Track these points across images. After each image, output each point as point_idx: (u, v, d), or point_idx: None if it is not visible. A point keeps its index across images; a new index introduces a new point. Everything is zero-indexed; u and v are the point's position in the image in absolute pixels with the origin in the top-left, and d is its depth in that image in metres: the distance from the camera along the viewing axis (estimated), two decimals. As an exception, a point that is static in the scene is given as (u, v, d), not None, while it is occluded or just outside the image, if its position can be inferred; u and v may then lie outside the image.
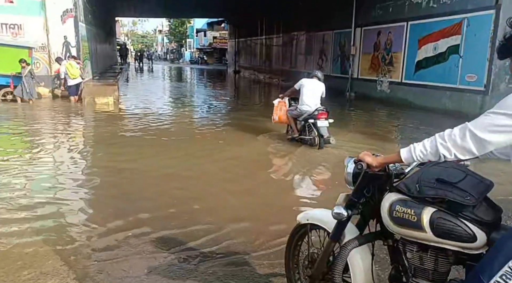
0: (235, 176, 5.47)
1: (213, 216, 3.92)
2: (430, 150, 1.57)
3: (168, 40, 76.34)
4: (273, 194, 4.79)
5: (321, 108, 6.88)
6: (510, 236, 1.50)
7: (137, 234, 3.50)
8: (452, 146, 1.51)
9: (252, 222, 3.84)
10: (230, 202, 4.46)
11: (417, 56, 12.57)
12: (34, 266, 2.94)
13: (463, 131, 1.49)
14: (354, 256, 1.95)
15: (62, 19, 13.01)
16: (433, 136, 1.58)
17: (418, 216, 1.67)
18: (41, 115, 10.40)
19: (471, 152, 1.49)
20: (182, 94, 17.70)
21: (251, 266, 3.01)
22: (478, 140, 1.46)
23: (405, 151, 1.66)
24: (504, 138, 1.44)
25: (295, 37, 21.83)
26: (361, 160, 1.82)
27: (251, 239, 3.45)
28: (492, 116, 1.45)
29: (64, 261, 3.02)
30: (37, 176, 5.21)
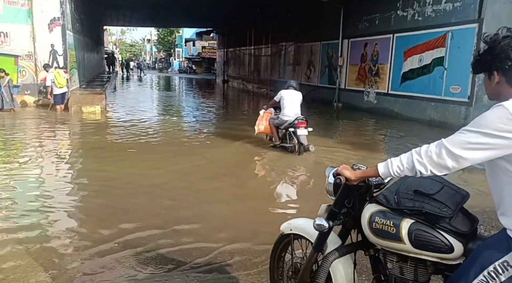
0: (223, 184, 5.48)
1: (199, 225, 3.91)
2: (407, 165, 1.58)
3: (156, 49, 76.24)
4: (259, 199, 4.79)
5: (301, 118, 7.24)
6: (486, 245, 1.54)
7: (122, 244, 3.46)
8: (428, 163, 1.52)
9: (238, 231, 3.83)
10: (217, 210, 4.44)
11: (403, 67, 12.79)
12: (16, 278, 2.88)
13: (439, 148, 1.51)
14: (336, 266, 1.97)
15: (50, 27, 12.91)
16: (409, 151, 1.60)
17: (397, 227, 1.70)
18: (26, 124, 10.25)
19: (447, 168, 1.51)
20: (170, 103, 17.65)
21: (239, 277, 2.99)
22: (454, 156, 1.47)
23: (382, 166, 1.67)
24: (479, 155, 1.46)
25: (284, 47, 22.02)
26: (340, 174, 1.84)
27: (238, 249, 3.43)
28: (467, 135, 1.47)
29: (47, 273, 2.96)
30: (21, 186, 5.12)
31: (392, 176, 1.67)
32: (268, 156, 7.26)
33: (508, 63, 1.48)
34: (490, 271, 1.47)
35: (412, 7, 12.42)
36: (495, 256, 1.47)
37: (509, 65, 1.48)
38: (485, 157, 1.47)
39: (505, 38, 1.50)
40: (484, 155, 1.45)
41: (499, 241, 1.50)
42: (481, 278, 1.48)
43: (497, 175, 1.53)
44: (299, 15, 19.05)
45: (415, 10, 12.30)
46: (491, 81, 1.56)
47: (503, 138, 1.40)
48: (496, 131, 1.41)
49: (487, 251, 1.51)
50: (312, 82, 18.85)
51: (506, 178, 1.49)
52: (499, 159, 1.47)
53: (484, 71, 1.59)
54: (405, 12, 12.71)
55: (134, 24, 43.91)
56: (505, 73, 1.51)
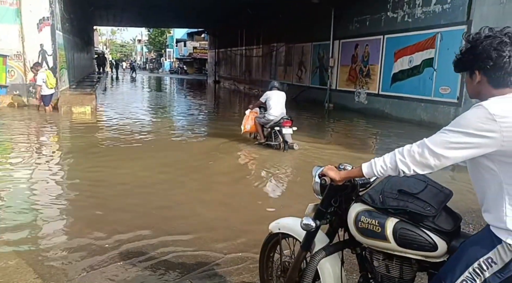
0: (214, 182, 5.49)
1: (189, 225, 3.90)
2: (390, 165, 1.60)
3: (147, 49, 75.86)
4: (246, 195, 4.80)
5: (286, 117, 7.54)
6: (470, 243, 1.57)
7: (113, 245, 3.44)
8: (410, 162, 1.55)
9: (227, 229, 3.82)
10: (208, 209, 4.43)
11: (393, 68, 12.89)
12: (5, 280, 2.84)
13: (421, 148, 1.53)
14: (324, 264, 1.99)
15: (39, 27, 12.75)
16: (392, 151, 1.62)
17: (382, 226, 1.73)
18: (16, 125, 10.11)
19: (430, 167, 1.53)
20: (160, 104, 17.58)
21: (230, 276, 2.99)
22: (436, 156, 1.49)
23: (366, 166, 1.69)
24: (461, 154, 1.48)
25: (275, 48, 22.07)
26: (325, 175, 1.86)
27: (229, 246, 3.43)
28: (448, 134, 1.49)
29: (38, 274, 2.93)
30: (12, 187, 5.05)
31: (376, 176, 1.70)
32: (258, 154, 7.38)
33: (489, 63, 1.49)
34: (475, 267, 1.49)
35: (402, 8, 12.54)
36: (480, 253, 1.49)
37: (490, 65, 1.49)
38: (466, 156, 1.48)
39: (487, 37, 1.51)
40: (465, 154, 1.47)
41: (483, 238, 1.53)
42: (467, 275, 1.50)
43: (479, 172, 1.55)
44: (290, 16, 19.11)
45: (405, 12, 12.41)
46: (472, 80, 1.57)
47: (482, 137, 1.42)
48: (476, 130, 1.43)
49: (471, 248, 1.53)
50: (303, 82, 18.91)
51: (488, 176, 1.51)
52: (480, 157, 1.49)
53: (465, 70, 1.60)
54: (395, 14, 12.83)
55: (125, 24, 43.63)
56: (487, 73, 1.52)
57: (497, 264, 1.46)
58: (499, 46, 1.47)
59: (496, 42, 1.48)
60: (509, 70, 1.48)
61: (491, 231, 1.50)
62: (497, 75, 1.50)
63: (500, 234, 1.47)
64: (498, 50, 1.47)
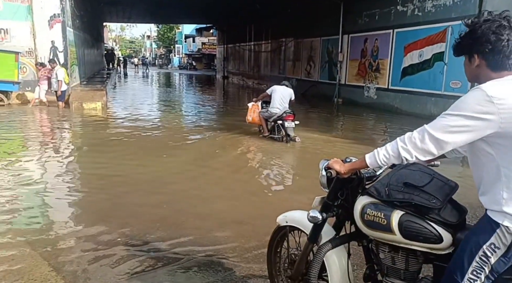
0: (221, 174, 5.55)
1: (199, 218, 3.95)
2: (392, 153, 1.62)
3: (156, 45, 76.10)
4: (255, 190, 4.85)
5: (289, 111, 7.79)
6: (472, 232, 1.59)
7: (124, 238, 3.50)
8: (412, 149, 1.56)
9: (234, 221, 3.86)
10: (215, 201, 4.49)
11: (403, 63, 12.79)
12: (21, 272, 2.91)
13: (422, 134, 1.55)
14: (330, 257, 2.02)
15: (50, 24, 12.90)
16: (394, 140, 1.64)
17: (388, 219, 1.74)
18: (31, 121, 10.28)
19: (431, 153, 1.54)
20: (170, 99, 17.68)
21: (239, 269, 3.03)
22: (436, 141, 1.51)
23: (369, 156, 1.71)
24: (460, 138, 1.50)
25: (284, 43, 22.00)
26: (330, 168, 1.88)
27: (241, 245, 3.47)
28: (448, 118, 1.51)
29: (52, 267, 3.00)
30: (23, 180, 5.15)
31: (380, 165, 1.70)
32: (261, 147, 7.64)
33: (488, 47, 1.50)
34: (480, 256, 1.51)
35: (412, 2, 12.42)
36: (482, 240, 1.51)
37: (489, 48, 1.50)
38: (466, 140, 1.50)
39: (486, 21, 1.52)
40: (464, 137, 1.49)
41: (483, 225, 1.55)
42: (475, 265, 1.52)
43: (477, 157, 1.57)
44: (299, 11, 19.02)
45: (415, 5, 12.29)
46: (471, 63, 1.59)
47: (481, 119, 1.44)
48: (475, 113, 1.44)
49: (473, 238, 1.55)
50: (312, 77, 18.85)
51: (485, 160, 1.53)
52: (478, 141, 1.51)
53: (464, 53, 1.62)
54: (405, 7, 12.70)
55: (134, 20, 43.78)
56: (485, 56, 1.53)
57: (500, 248, 1.48)
58: (497, 29, 1.49)
59: (495, 25, 1.49)
60: (508, 53, 1.49)
61: (489, 216, 1.52)
62: (495, 58, 1.51)
63: (496, 218, 1.49)
64: (497, 33, 1.49)
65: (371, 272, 2.00)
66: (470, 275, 1.53)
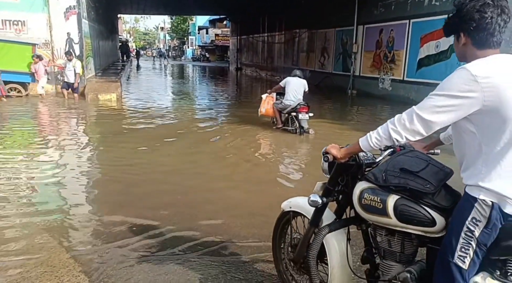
0: (234, 166, 5.59)
1: (212, 209, 4.00)
2: (384, 136, 1.69)
3: (170, 37, 76.29)
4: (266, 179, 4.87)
5: (303, 103, 7.73)
6: (455, 212, 1.66)
7: (140, 227, 3.56)
8: (402, 130, 1.63)
9: (245, 210, 3.89)
10: (228, 192, 4.53)
11: (419, 54, 12.58)
12: (40, 259, 3.00)
13: (410, 115, 1.61)
14: (330, 240, 2.12)
15: (65, 15, 13.03)
16: (385, 123, 1.70)
17: (384, 203, 1.81)
18: (45, 111, 10.46)
19: (420, 133, 1.61)
20: (184, 91, 17.76)
21: (247, 255, 3.07)
22: (424, 121, 1.58)
23: (363, 139, 1.79)
24: (447, 117, 1.55)
25: (297, 34, 21.83)
26: (328, 152, 1.96)
27: (252, 235, 3.50)
28: (434, 98, 1.57)
29: (69, 253, 3.08)
30: (42, 170, 5.27)
31: (372, 147, 1.77)
32: (275, 139, 7.71)
33: (472, 25, 1.56)
34: (465, 232, 1.57)
35: (429, -9, 12.16)
36: (464, 217, 1.58)
37: (473, 26, 1.56)
38: (452, 119, 1.57)
39: (471, 1, 1.57)
40: (451, 116, 1.56)
41: (463, 202, 1.62)
42: (462, 241, 1.58)
43: (461, 136, 1.64)
44: (313, 1, 18.81)
45: (433, -5, 12.03)
46: (458, 42, 1.65)
47: (466, 98, 1.50)
48: (460, 92, 1.50)
49: (457, 216, 1.62)
50: (326, 69, 18.70)
51: (468, 138, 1.60)
52: (462, 121, 1.57)
53: (453, 33, 1.68)
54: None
55: (148, 12, 43.90)
56: (470, 34, 1.59)
57: (481, 221, 1.54)
58: (481, 7, 1.54)
59: (479, 4, 1.55)
60: (491, 31, 1.55)
61: (467, 192, 1.60)
62: (480, 36, 1.57)
63: (473, 193, 1.56)
64: (481, 11, 1.54)
65: (368, 255, 2.09)
66: (460, 253, 1.59)
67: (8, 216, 3.78)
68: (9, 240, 3.30)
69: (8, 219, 3.71)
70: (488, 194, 1.53)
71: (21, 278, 2.74)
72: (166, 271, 2.85)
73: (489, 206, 1.52)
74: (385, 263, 1.94)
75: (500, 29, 1.56)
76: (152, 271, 2.85)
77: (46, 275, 2.79)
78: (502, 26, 1.56)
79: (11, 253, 3.08)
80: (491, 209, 1.52)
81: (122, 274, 2.82)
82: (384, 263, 1.95)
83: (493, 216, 1.52)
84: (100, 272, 2.84)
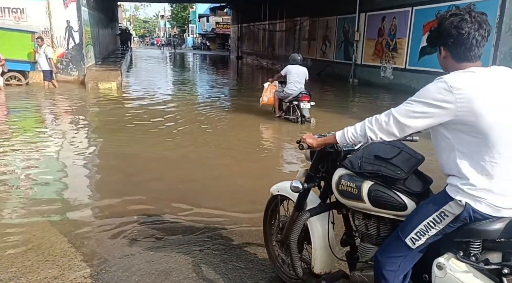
0: (233, 154, 5.58)
1: (216, 196, 4.00)
2: (360, 133, 1.78)
3: (170, 25, 75.70)
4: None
5: (304, 92, 7.71)
6: (428, 201, 1.75)
7: (141, 217, 3.57)
8: (378, 130, 1.73)
9: (252, 204, 3.89)
10: (233, 179, 4.53)
11: (422, 42, 12.46)
12: (42, 248, 3.00)
13: (388, 117, 1.71)
14: (314, 224, 2.25)
15: (65, 3, 12.91)
16: (363, 120, 1.78)
17: (359, 188, 1.91)
18: (45, 100, 10.42)
19: (394, 135, 1.71)
20: (185, 79, 17.67)
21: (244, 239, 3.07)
22: (399, 125, 1.68)
23: (340, 133, 1.88)
24: (421, 123, 1.65)
25: (299, 22, 21.63)
26: (303, 141, 2.05)
27: (252, 222, 3.51)
28: (412, 104, 1.65)
29: (71, 243, 3.08)
30: (42, 159, 5.26)
31: (348, 142, 1.86)
32: (277, 127, 7.71)
33: (450, 40, 1.65)
34: (429, 221, 1.68)
35: (432, -22, 11.99)
36: (434, 208, 1.68)
37: (451, 41, 1.65)
38: (426, 125, 1.66)
39: (451, 16, 1.66)
40: (425, 123, 1.65)
41: (439, 197, 1.71)
42: (421, 227, 1.69)
43: (437, 140, 1.73)
44: (315, -12, 18.59)
45: (436, -18, 11.87)
46: (440, 55, 1.74)
47: (440, 107, 1.59)
48: (435, 101, 1.59)
49: (428, 205, 1.72)
50: (328, 57, 18.56)
51: (444, 143, 1.69)
52: (438, 126, 1.66)
53: (435, 45, 1.76)
54: (426, -16, 12.29)
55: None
56: (449, 49, 1.68)
57: (448, 216, 1.64)
58: (459, 23, 1.62)
59: (457, 20, 1.63)
60: (469, 46, 1.63)
61: (446, 190, 1.69)
62: (458, 50, 1.66)
63: (451, 192, 1.66)
64: (458, 27, 1.62)
65: (348, 238, 2.23)
66: (413, 235, 1.71)
67: (9, 207, 3.78)
68: (10, 228, 3.30)
69: (9, 210, 3.71)
70: (465, 196, 1.61)
71: (22, 267, 2.75)
72: (167, 260, 2.86)
73: (462, 206, 1.61)
74: (363, 245, 2.05)
75: (478, 43, 1.63)
76: (153, 260, 2.86)
77: (47, 263, 2.79)
78: (480, 41, 1.63)
79: (12, 242, 3.08)
80: (463, 210, 1.61)
81: (123, 263, 2.82)
82: (362, 246, 2.05)
83: (462, 216, 1.61)
84: (101, 261, 2.85)
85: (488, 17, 1.69)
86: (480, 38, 1.63)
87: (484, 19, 1.64)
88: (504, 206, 1.59)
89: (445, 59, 1.72)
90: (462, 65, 1.66)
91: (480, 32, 1.62)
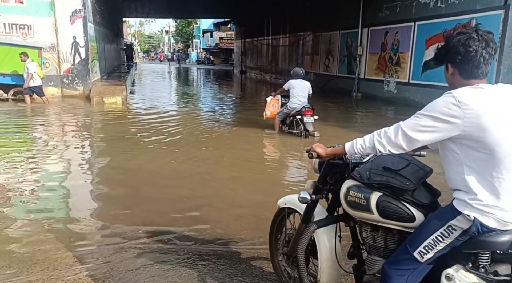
0: (240, 170, 5.58)
1: (221, 211, 3.98)
2: (369, 145, 1.80)
3: (174, 40, 76.59)
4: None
5: (308, 106, 7.77)
6: (436, 214, 1.76)
7: (146, 231, 3.56)
8: (386, 143, 1.74)
9: (256, 218, 3.87)
10: (237, 193, 4.51)
11: (425, 56, 12.53)
12: (47, 262, 2.99)
13: (396, 130, 1.73)
14: (321, 236, 2.24)
15: (71, 19, 13.12)
16: (372, 133, 1.80)
17: (367, 199, 1.91)
18: (51, 114, 10.50)
19: (402, 148, 1.73)
20: (189, 93, 17.80)
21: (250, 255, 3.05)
22: (407, 138, 1.69)
23: (349, 145, 1.89)
24: (428, 137, 1.67)
25: (302, 37, 21.83)
26: (313, 150, 2.07)
27: (256, 238, 3.48)
28: (420, 117, 1.68)
29: (76, 257, 3.07)
30: (48, 174, 5.28)
31: (356, 153, 1.88)
32: (280, 141, 7.72)
33: (458, 57, 1.68)
34: (437, 235, 1.68)
35: (434, -6, 12.12)
36: (442, 222, 1.68)
37: (459, 59, 1.67)
38: (434, 139, 1.68)
39: (458, 34, 1.69)
40: (432, 137, 1.67)
41: (447, 210, 1.72)
42: (429, 241, 1.69)
43: (446, 154, 1.74)
44: (317, 3, 18.81)
45: (438, -3, 11.99)
46: (447, 72, 1.77)
47: (447, 122, 1.60)
48: (443, 115, 1.61)
49: (436, 219, 1.72)
50: (331, 71, 18.67)
51: (452, 157, 1.71)
52: (446, 141, 1.68)
53: (442, 63, 1.78)
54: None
55: (153, 15, 44.17)
56: (457, 66, 1.70)
57: (456, 230, 1.65)
58: (467, 41, 1.65)
59: (465, 38, 1.66)
60: (476, 64, 1.66)
61: (453, 204, 1.70)
62: (465, 68, 1.68)
63: (459, 207, 1.66)
64: (466, 45, 1.65)
65: (355, 250, 2.21)
66: (421, 249, 1.71)
67: (13, 221, 3.78)
68: (16, 243, 3.30)
69: (13, 223, 3.71)
70: (473, 210, 1.62)
71: (27, 281, 2.73)
72: (172, 274, 2.84)
73: (470, 221, 1.62)
74: (370, 258, 2.04)
75: (485, 61, 1.66)
76: (158, 275, 2.84)
77: (52, 279, 2.77)
78: (487, 58, 1.66)
79: (17, 257, 3.07)
80: (472, 224, 1.62)
81: (128, 277, 2.81)
82: (370, 258, 2.05)
83: (471, 230, 1.62)
84: (106, 275, 2.83)
85: (491, 31, 1.71)
86: (487, 56, 1.65)
87: (491, 37, 1.67)
88: (511, 221, 1.61)
89: (453, 76, 1.74)
90: (470, 82, 1.68)
91: (487, 50, 1.65)
